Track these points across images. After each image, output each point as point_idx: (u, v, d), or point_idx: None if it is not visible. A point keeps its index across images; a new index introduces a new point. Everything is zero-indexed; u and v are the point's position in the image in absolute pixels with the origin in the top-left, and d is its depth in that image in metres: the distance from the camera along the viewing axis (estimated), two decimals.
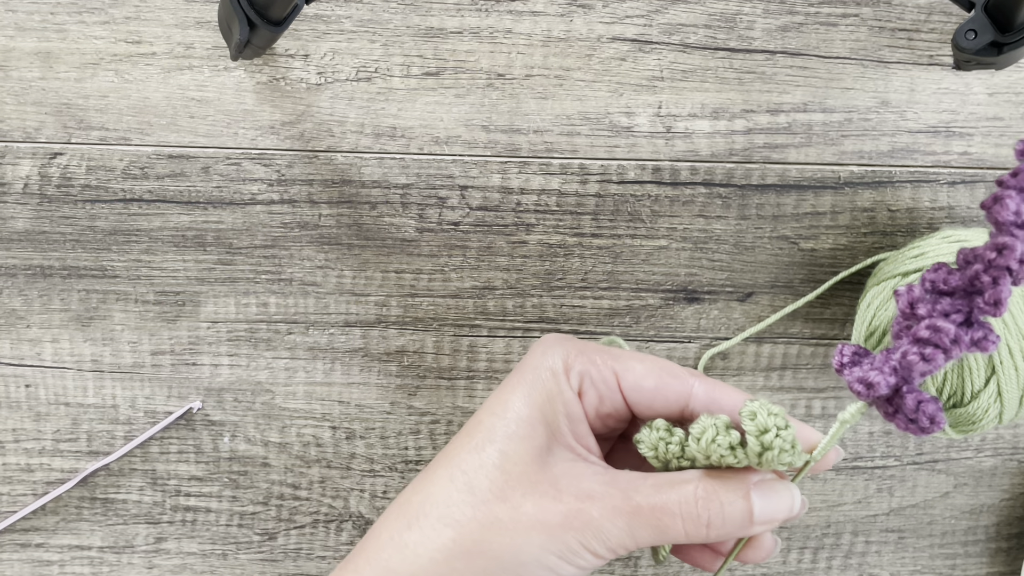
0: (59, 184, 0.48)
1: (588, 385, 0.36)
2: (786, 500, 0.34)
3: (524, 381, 0.36)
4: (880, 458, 0.51)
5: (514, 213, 0.49)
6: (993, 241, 0.30)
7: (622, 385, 0.36)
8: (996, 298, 0.30)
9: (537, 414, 0.35)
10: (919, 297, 0.32)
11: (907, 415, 0.32)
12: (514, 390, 0.36)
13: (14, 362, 0.50)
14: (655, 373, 0.36)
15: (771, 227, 0.49)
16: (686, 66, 0.48)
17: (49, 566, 0.51)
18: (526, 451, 0.34)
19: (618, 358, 0.36)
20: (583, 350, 0.37)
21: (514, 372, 0.37)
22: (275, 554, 0.51)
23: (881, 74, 0.48)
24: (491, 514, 0.34)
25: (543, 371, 0.36)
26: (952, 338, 0.30)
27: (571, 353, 0.36)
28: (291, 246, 0.49)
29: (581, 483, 0.34)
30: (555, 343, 0.37)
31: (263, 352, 0.50)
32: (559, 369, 0.36)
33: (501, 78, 0.48)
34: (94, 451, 0.50)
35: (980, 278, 0.30)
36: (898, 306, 0.32)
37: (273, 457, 0.50)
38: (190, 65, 0.47)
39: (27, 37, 0.47)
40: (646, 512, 0.33)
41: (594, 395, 0.36)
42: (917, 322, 0.31)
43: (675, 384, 0.36)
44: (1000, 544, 0.51)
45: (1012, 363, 0.41)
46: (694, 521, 0.33)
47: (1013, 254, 0.29)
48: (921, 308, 0.31)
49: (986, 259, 0.30)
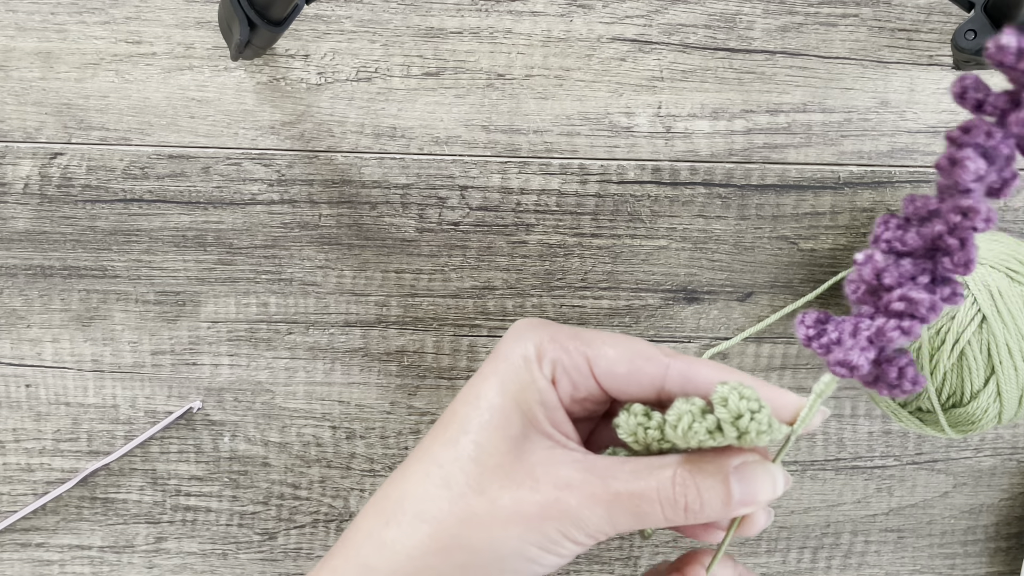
0: (59, 184, 0.48)
1: (561, 373, 0.35)
2: (766, 482, 0.33)
3: (497, 370, 0.35)
4: (879, 458, 0.51)
5: (514, 213, 0.49)
6: (955, 203, 0.29)
7: (595, 372, 0.35)
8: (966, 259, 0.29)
9: (511, 403, 0.35)
10: (883, 266, 0.30)
11: (889, 384, 0.31)
12: (487, 379, 0.35)
13: (14, 362, 0.50)
14: (627, 358, 0.35)
15: (771, 227, 0.49)
16: (686, 66, 0.48)
17: (49, 566, 0.51)
18: (501, 441, 0.34)
19: (590, 343, 0.36)
20: (555, 336, 0.36)
21: (488, 360, 0.36)
22: (275, 554, 0.51)
23: (881, 74, 0.48)
24: (468, 508, 0.33)
25: (516, 359, 0.35)
26: (928, 307, 0.30)
27: (543, 340, 0.35)
28: (291, 246, 0.49)
29: (559, 471, 0.33)
30: (527, 329, 0.36)
31: (263, 352, 0.50)
32: (531, 357, 0.35)
33: (501, 78, 0.48)
34: (94, 451, 0.50)
35: (945, 240, 0.29)
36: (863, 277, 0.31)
37: (273, 457, 0.50)
38: (190, 65, 0.48)
39: (27, 37, 0.47)
40: (624, 499, 0.33)
41: (567, 382, 0.35)
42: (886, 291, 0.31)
43: (649, 367, 0.35)
44: (999, 544, 0.51)
45: (1011, 363, 0.41)
46: (672, 506, 0.33)
47: (978, 215, 0.28)
48: (887, 277, 0.30)
49: (951, 222, 0.29)
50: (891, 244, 0.31)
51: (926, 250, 0.30)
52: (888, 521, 0.51)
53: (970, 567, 0.52)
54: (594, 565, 0.51)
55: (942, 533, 0.51)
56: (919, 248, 0.30)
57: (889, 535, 0.51)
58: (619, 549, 0.51)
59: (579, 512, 0.33)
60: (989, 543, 0.51)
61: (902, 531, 0.51)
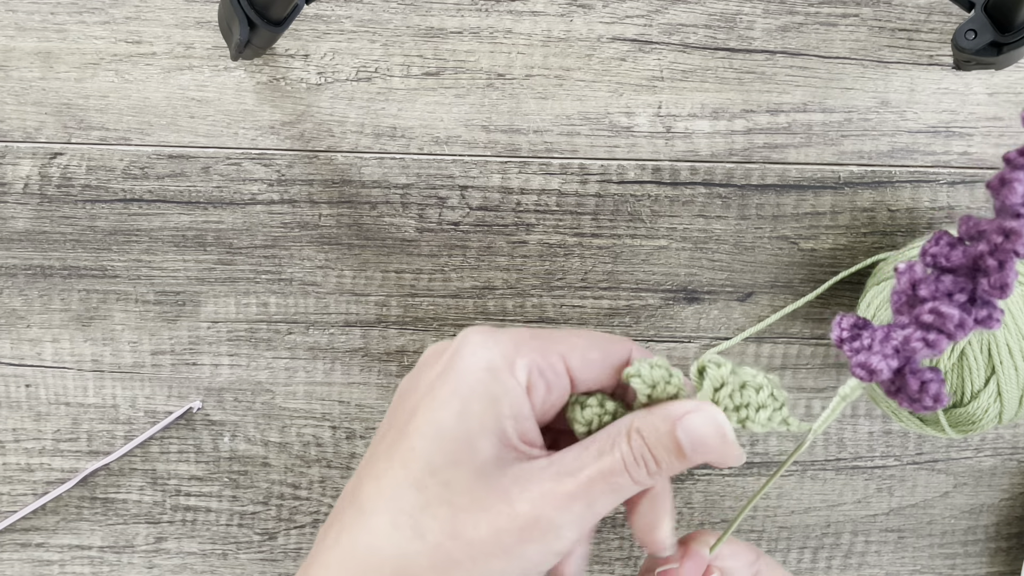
0: (59, 184, 0.48)
1: (536, 377, 0.33)
2: (710, 427, 0.33)
3: (457, 393, 0.33)
4: (880, 458, 0.51)
5: (514, 213, 0.49)
6: (1000, 224, 0.29)
7: (571, 365, 0.34)
8: (1003, 282, 0.29)
9: (476, 426, 0.32)
10: (921, 277, 0.30)
11: (910, 396, 0.31)
12: (446, 405, 0.33)
13: (14, 362, 0.50)
14: (596, 344, 0.35)
15: (771, 227, 0.49)
16: (686, 66, 0.48)
17: (49, 566, 0.51)
18: (470, 473, 0.32)
19: (558, 340, 0.34)
20: (518, 340, 0.34)
21: (442, 380, 0.33)
22: (275, 554, 0.51)
23: (881, 74, 0.48)
24: (447, 557, 0.32)
25: (479, 373, 0.33)
26: (957, 323, 0.29)
27: (508, 346, 0.33)
28: (291, 246, 0.49)
29: (532, 486, 0.32)
30: (485, 338, 0.34)
31: (263, 352, 0.50)
32: (498, 366, 0.33)
33: (501, 78, 0.48)
34: (94, 451, 0.50)
35: (985, 260, 0.29)
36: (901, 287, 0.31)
37: (273, 457, 0.50)
38: (190, 65, 0.48)
39: (27, 37, 0.47)
40: (598, 480, 0.32)
41: (543, 386, 0.34)
42: (920, 303, 0.31)
43: (617, 348, 0.35)
44: (1000, 544, 0.51)
45: (1012, 363, 0.41)
46: (636, 469, 0.33)
47: (1020, 239, 0.28)
48: (923, 289, 0.30)
49: (992, 242, 0.29)
50: (936, 258, 0.30)
51: (968, 269, 0.30)
52: (888, 521, 0.51)
53: (970, 567, 0.52)
54: (594, 565, 0.51)
55: (942, 533, 0.51)
56: (962, 266, 0.30)
57: (889, 535, 0.51)
58: (619, 549, 0.51)
59: (559, 521, 0.32)
60: (989, 543, 0.51)
61: (902, 531, 0.51)
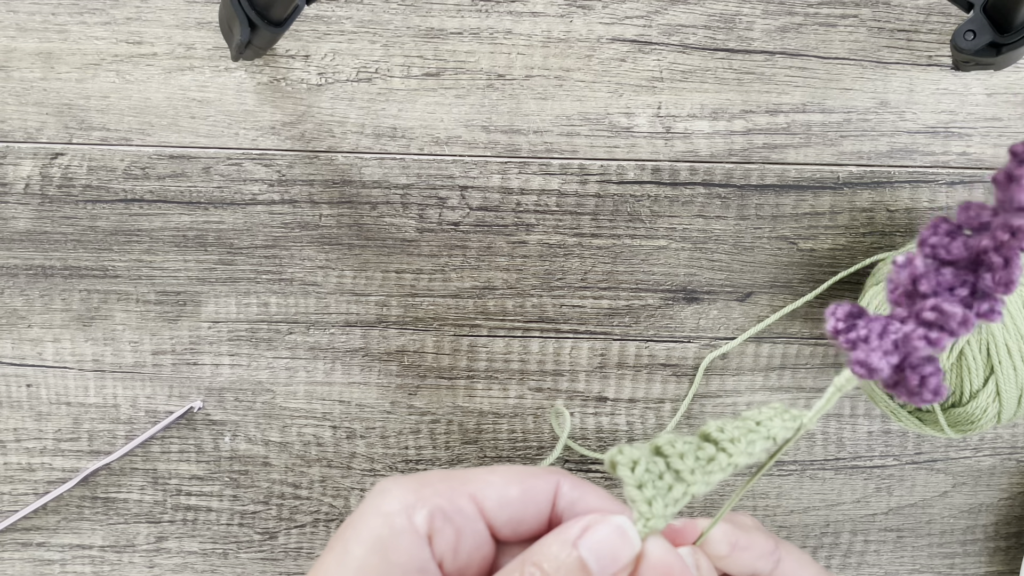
0: (60, 184, 0.48)
1: (441, 522, 0.29)
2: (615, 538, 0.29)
3: (348, 550, 0.29)
4: (879, 457, 0.51)
5: (514, 213, 0.49)
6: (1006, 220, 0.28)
7: (484, 506, 0.30)
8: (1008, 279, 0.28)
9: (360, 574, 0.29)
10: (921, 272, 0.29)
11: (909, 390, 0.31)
12: (331, 551, 0.29)
13: (16, 362, 0.50)
14: (515, 479, 0.30)
15: (770, 227, 0.49)
16: (685, 67, 0.48)
17: (50, 565, 0.51)
18: None
19: (468, 479, 0.30)
20: (424, 482, 0.30)
21: (338, 532, 0.30)
22: (276, 553, 0.51)
23: (880, 75, 0.48)
24: None
25: (370, 521, 0.29)
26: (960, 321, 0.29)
27: (408, 491, 0.30)
28: (292, 246, 0.49)
29: None
30: (387, 487, 0.30)
31: (264, 352, 0.50)
32: (395, 511, 0.29)
33: (501, 79, 0.48)
34: (95, 450, 0.50)
35: (990, 256, 0.28)
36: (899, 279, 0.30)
37: (274, 456, 0.51)
38: (191, 66, 0.48)
39: (28, 38, 0.47)
40: None
41: (450, 532, 0.30)
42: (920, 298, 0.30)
43: (541, 484, 0.31)
44: (999, 543, 0.51)
45: (1011, 363, 0.42)
46: None
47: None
48: (924, 284, 0.29)
49: (998, 239, 0.28)
50: (935, 250, 0.30)
51: (970, 262, 0.29)
52: (887, 520, 0.51)
53: (969, 567, 0.52)
54: None
55: (941, 533, 0.51)
56: (963, 259, 0.29)
57: (888, 535, 0.51)
58: None
59: None
60: (988, 543, 0.51)
61: (901, 531, 0.51)
